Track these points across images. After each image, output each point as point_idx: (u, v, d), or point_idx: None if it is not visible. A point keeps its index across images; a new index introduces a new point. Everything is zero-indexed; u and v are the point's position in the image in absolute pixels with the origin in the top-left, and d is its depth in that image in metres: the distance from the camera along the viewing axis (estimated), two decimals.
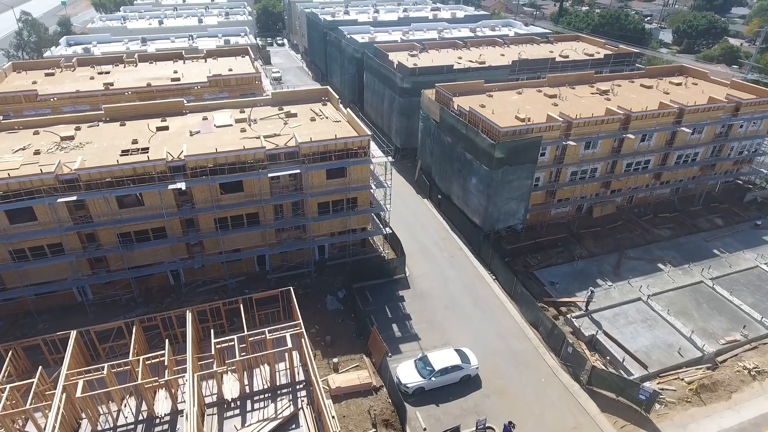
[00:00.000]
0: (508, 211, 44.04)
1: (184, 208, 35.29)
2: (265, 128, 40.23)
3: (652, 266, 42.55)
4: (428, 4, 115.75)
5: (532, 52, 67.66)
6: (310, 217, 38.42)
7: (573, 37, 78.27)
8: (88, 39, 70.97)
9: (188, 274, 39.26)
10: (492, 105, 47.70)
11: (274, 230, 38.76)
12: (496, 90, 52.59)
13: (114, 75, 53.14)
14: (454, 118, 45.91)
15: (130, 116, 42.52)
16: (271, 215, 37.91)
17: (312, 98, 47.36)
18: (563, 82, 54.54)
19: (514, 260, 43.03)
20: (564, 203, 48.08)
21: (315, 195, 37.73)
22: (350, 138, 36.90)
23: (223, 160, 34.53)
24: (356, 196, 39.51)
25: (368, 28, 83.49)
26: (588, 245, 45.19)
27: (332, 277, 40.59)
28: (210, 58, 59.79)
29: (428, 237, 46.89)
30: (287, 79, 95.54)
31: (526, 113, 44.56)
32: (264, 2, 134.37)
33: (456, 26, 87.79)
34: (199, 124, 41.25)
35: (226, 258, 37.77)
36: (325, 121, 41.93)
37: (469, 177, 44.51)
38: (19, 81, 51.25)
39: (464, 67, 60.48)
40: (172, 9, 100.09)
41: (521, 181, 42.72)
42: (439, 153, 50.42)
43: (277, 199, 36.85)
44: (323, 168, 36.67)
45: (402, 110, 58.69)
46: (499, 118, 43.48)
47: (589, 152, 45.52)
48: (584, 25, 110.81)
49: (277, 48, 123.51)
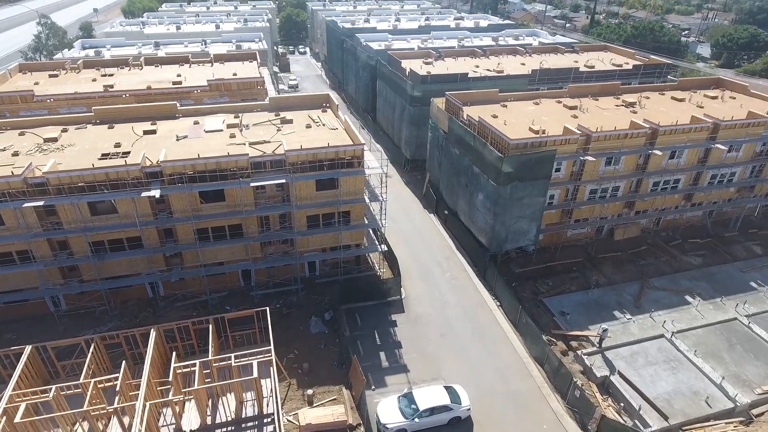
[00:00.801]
0: (517, 231, 40.22)
1: (160, 217, 32.95)
2: (256, 134, 37.80)
3: (678, 298, 37.96)
4: (452, 13, 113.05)
5: (555, 62, 63.80)
6: (297, 230, 35.57)
7: (600, 47, 73.96)
8: (102, 43, 70.75)
9: (167, 287, 36.87)
10: (505, 115, 44.18)
11: (259, 243, 36.04)
12: (511, 100, 49.02)
13: (117, 78, 51.92)
14: (462, 129, 42.57)
15: (121, 119, 40.78)
16: (256, 227, 35.23)
17: (312, 104, 44.89)
18: (585, 92, 50.55)
19: (522, 285, 39.12)
20: (582, 224, 43.94)
21: (303, 207, 34.90)
22: (342, 147, 34.03)
23: (202, 167, 32.11)
24: (348, 209, 36.49)
25: (386, 35, 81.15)
26: (606, 271, 40.87)
27: (321, 296, 37.55)
28: (217, 62, 58.19)
29: (430, 256, 43.40)
30: (304, 87, 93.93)
31: (541, 125, 40.88)
32: (288, 11, 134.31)
33: (478, 35, 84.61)
34: (189, 128, 39.13)
35: (206, 272, 35.20)
36: (322, 129, 39.24)
37: (476, 192, 40.96)
38: (22, 82, 50.54)
39: (480, 75, 57.14)
40: (194, 16, 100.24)
41: (533, 199, 38.91)
42: (447, 166, 47.06)
43: (262, 211, 34.17)
44: (312, 178, 33.85)
45: (412, 119, 55.66)
46: (510, 130, 39.96)
47: (610, 169, 41.39)
48: (615, 36, 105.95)
49: (298, 56, 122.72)
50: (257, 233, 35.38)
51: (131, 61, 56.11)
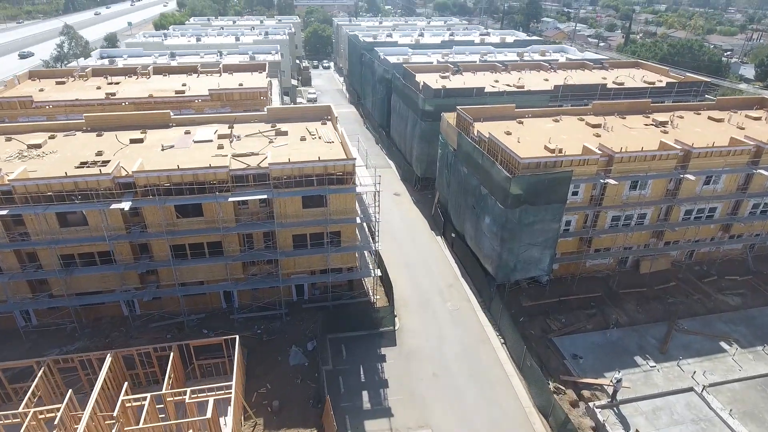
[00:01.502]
0: (528, 260, 36.25)
1: (133, 231, 30.66)
2: (246, 146, 35.44)
3: (712, 344, 33.15)
4: (479, 29, 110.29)
5: (581, 78, 59.83)
6: (281, 251, 32.70)
7: (632, 63, 69.49)
8: (120, 53, 70.82)
9: (144, 306, 34.49)
10: (520, 132, 40.59)
11: (240, 263, 33.31)
12: (529, 116, 45.38)
13: (121, 86, 50.94)
14: (470, 146, 39.17)
15: (113, 126, 39.23)
16: (237, 246, 32.55)
17: (313, 116, 42.45)
18: (611, 110, 46.45)
19: (531, 321, 35.04)
20: (603, 254, 39.59)
21: (287, 226, 32.08)
22: (331, 161, 31.15)
23: (178, 179, 29.74)
24: (339, 229, 33.44)
25: (406, 49, 78.84)
26: (629, 309, 36.34)
27: (307, 323, 34.41)
28: (226, 72, 56.78)
29: (432, 282, 39.78)
30: (323, 101, 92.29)
31: (559, 143, 37.08)
32: (314, 26, 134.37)
33: (502, 50, 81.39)
34: (178, 138, 37.14)
35: (183, 291, 32.65)
36: (317, 142, 36.59)
37: (483, 215, 37.32)
38: (28, 88, 50.09)
39: (498, 90, 53.73)
40: (219, 29, 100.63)
41: (546, 225, 34.99)
42: (455, 185, 43.60)
43: (241, 228, 31.49)
44: (296, 194, 31.03)
45: (423, 135, 52.56)
46: (522, 148, 36.38)
47: (635, 194, 37.14)
48: (651, 54, 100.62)
49: (321, 71, 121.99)
50: (238, 252, 32.68)
51: (139, 70, 55.23)
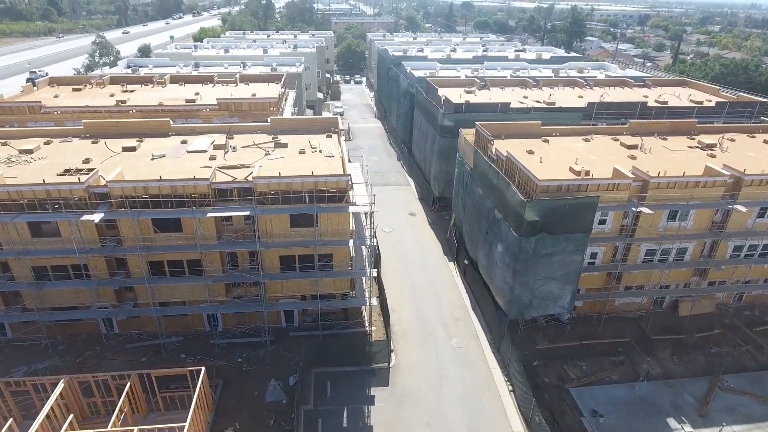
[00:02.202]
0: (545, 296, 31.96)
1: (107, 245, 28.51)
2: (240, 158, 33.10)
3: (764, 409, 27.79)
4: (515, 45, 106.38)
5: (619, 96, 55.05)
6: (265, 273, 29.82)
7: (678, 81, 63.94)
8: (146, 62, 71.15)
9: (123, 325, 32.26)
10: (543, 152, 36.62)
11: (223, 284, 30.62)
12: (556, 134, 41.28)
13: (135, 94, 50.17)
14: (486, 165, 35.46)
15: (111, 134, 37.88)
16: (219, 265, 29.89)
17: (320, 128, 39.84)
18: (651, 130, 41.75)
19: (546, 366, 30.64)
20: (634, 292, 34.77)
21: (273, 246, 29.20)
22: (322, 177, 28.18)
23: (156, 191, 27.46)
24: (330, 252, 30.30)
25: (434, 64, 75.87)
26: (663, 359, 31.35)
27: (292, 353, 31.24)
28: (242, 83, 55.38)
29: (438, 314, 35.94)
30: (349, 115, 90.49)
31: (587, 165, 32.94)
32: (348, 41, 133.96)
33: (537, 66, 77.21)
34: (172, 147, 35.21)
35: (160, 312, 30.21)
36: (316, 156, 33.82)
37: (495, 242, 33.36)
38: (44, 94, 49.99)
39: (525, 106, 49.77)
40: (252, 41, 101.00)
41: (566, 257, 30.71)
42: (470, 207, 39.82)
43: (222, 246, 28.82)
44: (283, 212, 28.15)
45: (441, 152, 49.12)
46: (544, 169, 32.47)
47: (674, 225, 32.38)
48: (701, 74, 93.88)
49: (353, 85, 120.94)
50: (221, 272, 30.01)
51: (156, 79, 54.54)
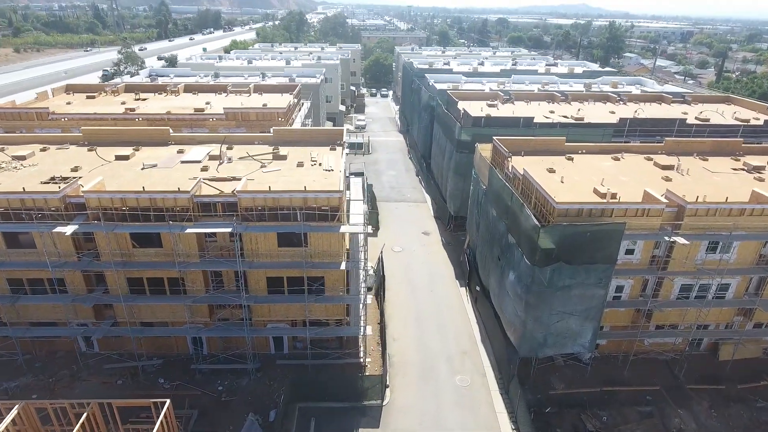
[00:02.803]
0: (563, 333, 28.32)
1: (83, 259, 26.70)
2: (234, 169, 31.04)
3: None
4: (547, 60, 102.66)
5: (655, 112, 50.89)
6: (249, 295, 27.39)
7: (721, 98, 59.10)
8: (168, 71, 71.16)
9: (104, 344, 30.37)
10: (566, 171, 33.22)
11: (207, 306, 28.34)
12: (582, 152, 37.76)
13: (146, 102, 49.39)
14: (500, 184, 32.28)
15: (109, 142, 36.59)
16: (201, 285, 27.65)
17: (323, 140, 37.54)
18: (690, 149, 37.70)
19: (560, 414, 26.94)
20: (667, 332, 30.73)
21: (257, 266, 26.77)
22: (312, 193, 25.66)
23: (134, 203, 25.53)
24: (322, 275, 27.64)
25: (459, 77, 73.09)
26: (699, 412, 27.15)
27: (278, 383, 28.56)
28: (256, 93, 54.00)
29: (443, 346, 32.66)
30: (372, 129, 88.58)
31: (614, 186, 29.43)
32: (376, 55, 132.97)
33: (567, 81, 73.41)
34: (166, 157, 33.54)
35: (137, 332, 28.13)
36: (315, 169, 31.41)
37: (507, 270, 30.01)
38: (58, 101, 49.79)
39: (551, 121, 46.35)
40: (278, 53, 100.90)
41: (587, 290, 27.10)
42: (483, 229, 36.59)
43: (202, 265, 26.56)
44: (267, 230, 25.74)
45: (458, 168, 46.10)
46: (564, 189, 29.15)
47: (715, 258, 28.35)
48: (748, 92, 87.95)
49: (379, 99, 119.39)
50: (203, 292, 27.76)
51: (169, 88, 53.79)
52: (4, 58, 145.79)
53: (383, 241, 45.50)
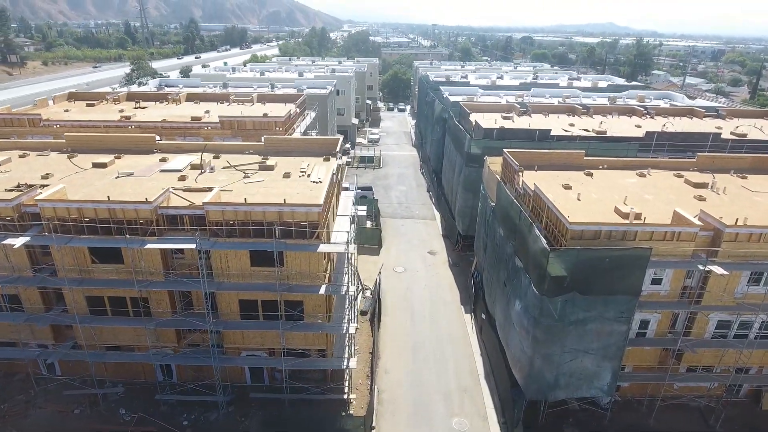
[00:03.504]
0: (577, 373, 24.47)
1: (37, 274, 24.21)
2: (215, 180, 28.45)
3: None
4: (570, 74, 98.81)
5: (686, 126, 46.76)
6: (219, 319, 24.43)
7: (760, 113, 54.44)
8: (177, 82, 70.18)
9: (66, 367, 27.74)
10: (584, 187, 29.60)
11: (174, 330, 25.49)
12: (603, 167, 34.08)
13: (145, 111, 47.79)
14: (508, 200, 28.83)
15: (93, 149, 34.56)
16: (167, 306, 24.83)
17: (316, 151, 34.84)
18: (726, 166, 33.66)
19: None
20: (700, 375, 26.49)
21: (229, 288, 23.82)
22: (287, 206, 22.69)
23: (91, 213, 23.00)
24: (300, 299, 24.52)
25: (476, 90, 70.03)
26: None
27: (252, 419, 25.35)
28: (259, 102, 51.98)
29: (441, 381, 29.00)
30: (385, 143, 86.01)
31: (638, 206, 25.74)
32: (395, 69, 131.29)
33: (590, 95, 69.55)
34: (147, 165, 31.25)
35: (96, 357, 25.40)
36: (302, 181, 28.55)
37: (513, 298, 26.39)
38: (57, 108, 48.60)
39: (570, 134, 42.75)
40: (294, 66, 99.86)
41: (606, 325, 23.30)
42: (490, 250, 33.03)
43: (166, 285, 23.76)
44: (237, 247, 22.85)
45: (467, 184, 42.74)
46: (580, 208, 25.58)
47: (758, 291, 24.24)
48: None
49: (396, 113, 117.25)
50: (170, 315, 24.92)
51: (171, 97, 52.21)
52: (32, 70, 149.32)
53: (385, 261, 42.28)
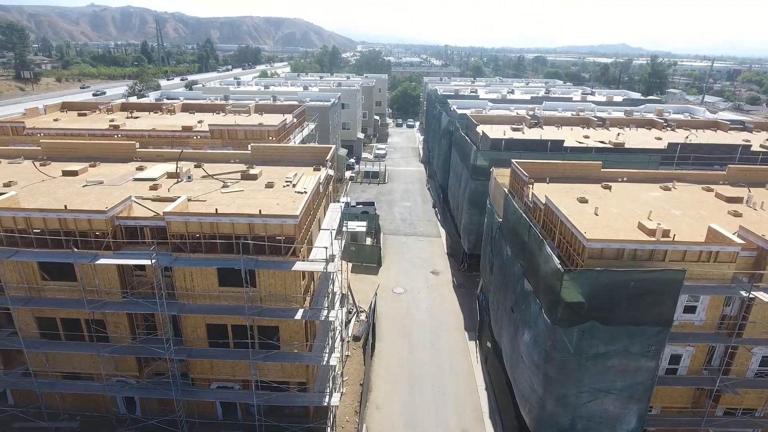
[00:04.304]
0: (597, 416, 20.89)
1: None
2: (191, 189, 25.78)
3: None
4: (584, 90, 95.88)
5: (711, 139, 43.37)
6: (177, 347, 21.39)
7: None
8: (178, 94, 68.58)
9: (18, 396, 24.80)
10: (602, 201, 26.35)
11: (135, 357, 22.50)
12: (622, 180, 30.82)
13: (136, 120, 45.76)
14: (516, 215, 25.66)
15: (68, 156, 32.32)
16: (126, 330, 21.91)
17: (308, 160, 32.12)
18: (760, 179, 30.22)
19: None
20: (741, 419, 22.68)
21: (192, 310, 20.85)
22: (259, 218, 19.78)
23: (40, 224, 20.32)
24: (276, 324, 21.43)
25: (485, 103, 67.30)
26: None
27: None
28: (257, 113, 49.72)
29: (439, 420, 25.47)
30: (392, 158, 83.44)
31: (665, 221, 22.44)
32: (404, 86, 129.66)
33: (605, 109, 66.40)
34: (120, 174, 28.77)
35: (44, 386, 22.46)
36: (286, 191, 25.73)
37: (522, 327, 22.99)
38: (46, 117, 46.82)
39: (584, 146, 39.63)
40: (300, 81, 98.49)
41: (631, 360, 19.83)
42: (497, 271, 29.72)
43: (122, 306, 20.85)
44: (201, 264, 19.93)
45: (472, 198, 39.64)
46: (598, 224, 22.38)
47: None
48: None
49: (405, 129, 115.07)
50: (129, 340, 21.97)
51: (165, 107, 50.26)
52: (45, 86, 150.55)
53: (384, 281, 39.11)
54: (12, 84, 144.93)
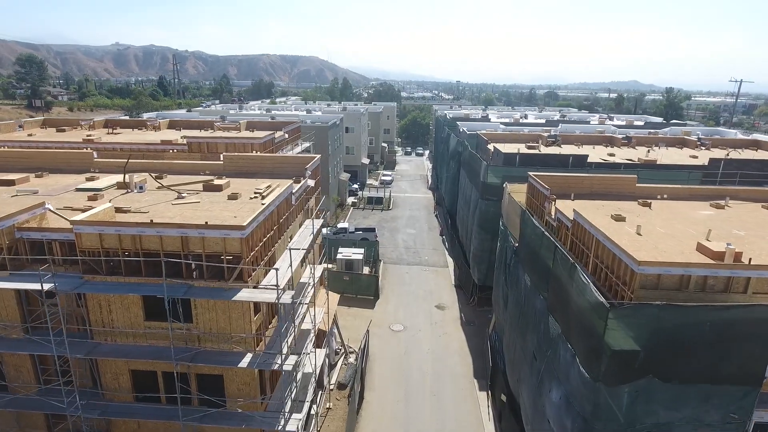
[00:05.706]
0: None
1: None
2: (141, 201, 21.19)
3: None
4: (601, 115, 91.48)
5: (756, 157, 38.14)
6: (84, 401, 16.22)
7: None
8: (176, 115, 65.55)
9: None
10: (642, 219, 21.11)
11: (43, 414, 17.34)
12: (662, 197, 25.60)
13: (117, 136, 42.13)
14: (538, 235, 20.50)
15: (17, 166, 28.24)
16: (30, 376, 16.86)
17: (288, 171, 27.48)
18: None
19: None
20: None
21: (106, 353, 15.79)
22: (195, 230, 14.92)
23: None
24: (220, 372, 16.21)
25: (497, 125, 62.98)
26: None
27: None
28: (247, 130, 45.84)
29: None
30: (399, 185, 79.03)
31: (730, 243, 17.08)
32: (413, 114, 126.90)
33: (627, 131, 61.48)
34: (63, 185, 24.47)
35: None
36: (251, 203, 20.95)
37: (548, 381, 17.45)
38: (22, 133, 43.47)
39: (611, 162, 34.67)
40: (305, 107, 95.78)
41: (706, 431, 14.19)
42: (512, 306, 24.29)
43: (14, 346, 15.90)
44: (113, 290, 14.99)
45: (483, 221, 34.55)
46: (644, 245, 17.12)
47: None
48: None
49: (413, 157, 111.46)
50: (34, 390, 16.87)
51: (150, 123, 46.74)
52: (55, 115, 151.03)
53: (380, 316, 33.76)
54: (23, 112, 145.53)
